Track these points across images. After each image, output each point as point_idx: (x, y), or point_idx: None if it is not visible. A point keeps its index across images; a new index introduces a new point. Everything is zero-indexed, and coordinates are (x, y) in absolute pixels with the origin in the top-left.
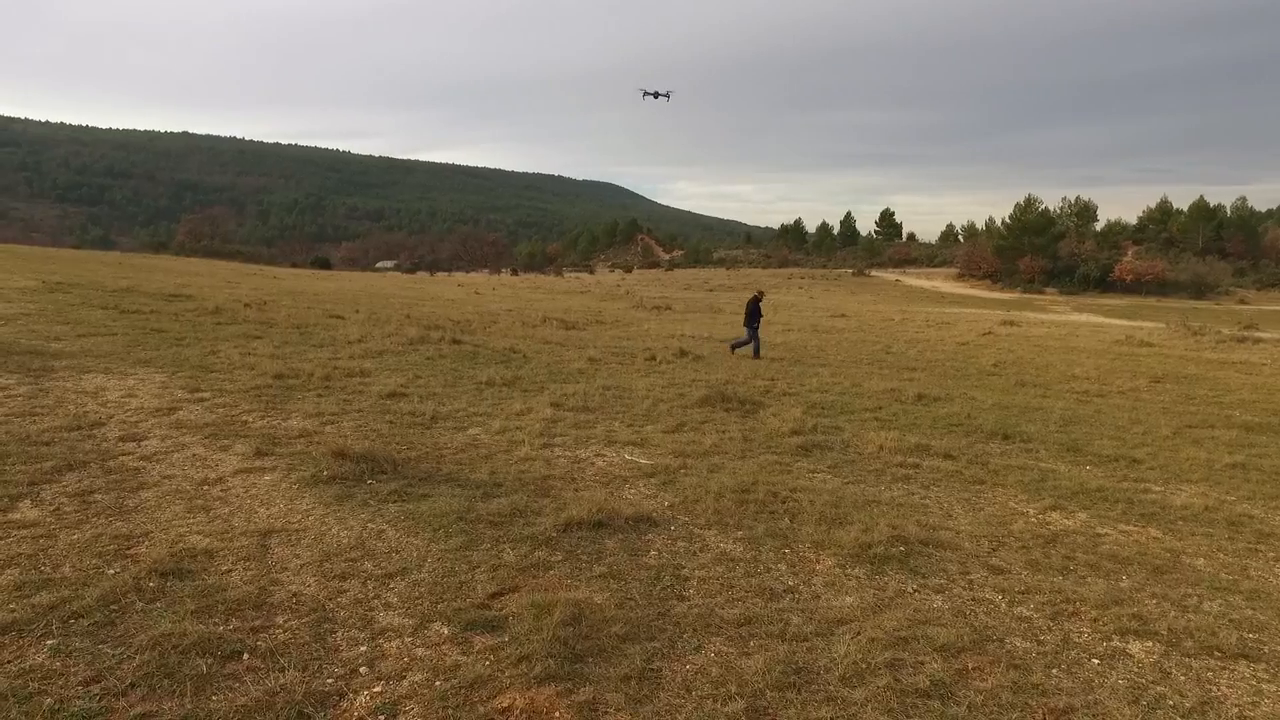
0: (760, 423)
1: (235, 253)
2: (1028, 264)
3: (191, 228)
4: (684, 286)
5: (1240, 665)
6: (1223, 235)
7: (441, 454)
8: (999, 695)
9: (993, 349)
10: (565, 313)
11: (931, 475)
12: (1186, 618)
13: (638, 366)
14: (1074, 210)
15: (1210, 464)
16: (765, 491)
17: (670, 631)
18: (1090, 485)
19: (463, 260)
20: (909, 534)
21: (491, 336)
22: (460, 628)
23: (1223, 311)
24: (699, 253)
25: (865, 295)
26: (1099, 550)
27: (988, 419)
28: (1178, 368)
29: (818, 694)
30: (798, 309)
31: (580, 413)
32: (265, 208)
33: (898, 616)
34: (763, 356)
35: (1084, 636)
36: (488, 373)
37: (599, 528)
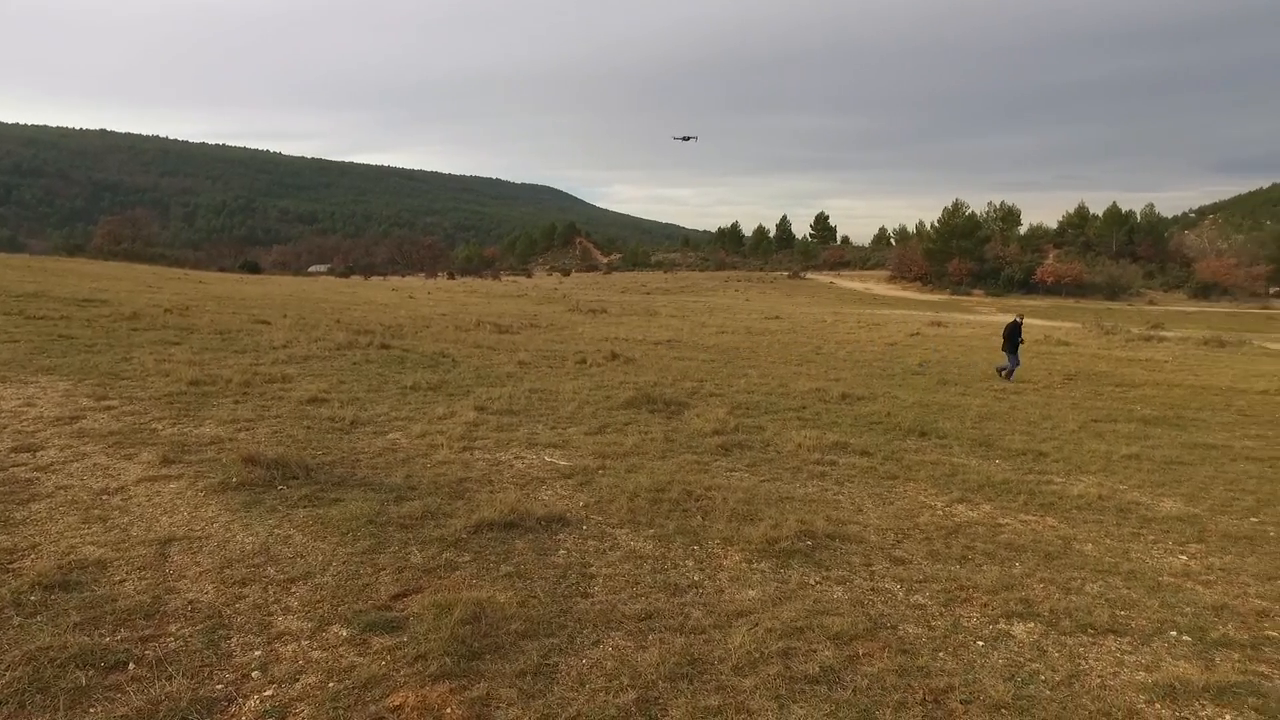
0: (684, 423)
1: (158, 256)
2: (956, 266)
3: (110, 230)
4: (621, 290)
5: (1109, 640)
6: (1134, 240)
7: (358, 458)
8: (884, 679)
9: (919, 349)
10: (500, 317)
11: (847, 472)
12: (1068, 599)
13: (567, 370)
14: (999, 215)
15: (1109, 455)
16: (680, 490)
17: (571, 628)
18: (997, 478)
19: (398, 264)
20: (817, 528)
21: (422, 341)
22: (359, 629)
23: (1133, 312)
24: (637, 256)
25: (800, 297)
26: (997, 539)
27: (907, 417)
28: (1089, 365)
29: (709, 684)
30: (733, 311)
31: (504, 416)
32: (191, 210)
33: (797, 608)
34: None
35: (972, 620)
36: (414, 377)
37: (510, 528)
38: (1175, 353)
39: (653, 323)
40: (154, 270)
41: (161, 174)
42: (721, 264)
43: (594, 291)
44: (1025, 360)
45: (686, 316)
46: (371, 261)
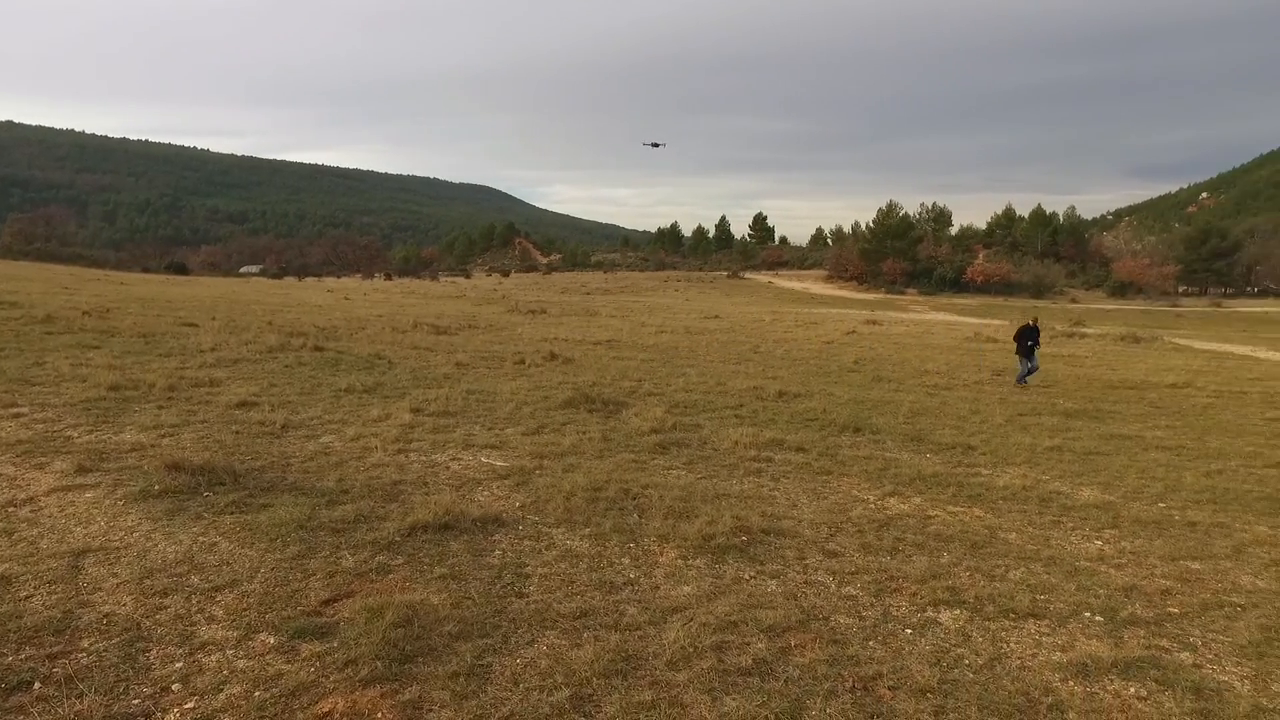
0: (622, 422)
1: (76, 256)
2: (890, 266)
3: (21, 228)
4: (561, 290)
5: (1029, 623)
6: (1057, 240)
7: (289, 463)
8: (815, 668)
9: (855, 347)
10: (438, 317)
11: (782, 468)
12: (993, 586)
13: (506, 370)
14: (932, 216)
15: (1033, 448)
16: (617, 489)
17: (505, 628)
18: (927, 472)
19: (334, 265)
20: (752, 524)
21: (357, 343)
22: (288, 636)
23: (1057, 309)
24: (577, 256)
25: (739, 297)
26: (927, 531)
27: (842, 413)
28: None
29: (643, 679)
30: (673, 311)
31: (440, 417)
32: (111, 208)
33: (731, 602)
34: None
35: (902, 609)
36: (348, 379)
37: (445, 530)
38: (1095, 349)
39: (592, 323)
40: (71, 271)
41: (78, 170)
42: (661, 264)
43: (534, 292)
44: (955, 359)
45: (626, 316)
46: (306, 262)
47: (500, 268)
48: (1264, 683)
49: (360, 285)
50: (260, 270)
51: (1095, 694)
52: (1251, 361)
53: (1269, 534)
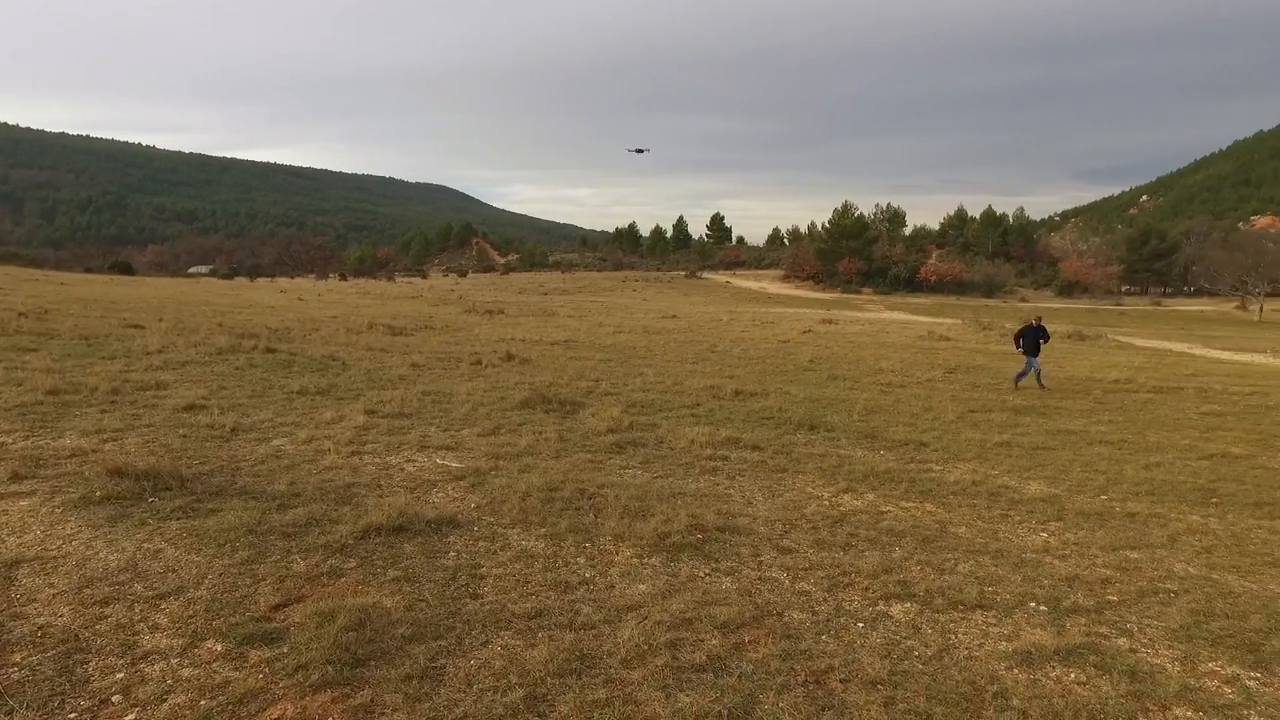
0: (578, 423)
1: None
2: (846, 266)
3: None
4: (519, 290)
5: (977, 614)
6: (1008, 241)
7: (238, 466)
8: (769, 663)
9: (811, 346)
10: (393, 318)
11: (738, 466)
12: (942, 579)
13: (462, 371)
14: (886, 216)
15: (983, 443)
16: (573, 489)
17: (459, 630)
18: (881, 468)
19: (287, 265)
20: (708, 522)
21: (311, 344)
22: (236, 643)
23: (1008, 308)
24: (535, 256)
25: (696, 297)
26: (880, 526)
27: (798, 411)
28: (968, 359)
29: (597, 677)
30: (630, 311)
31: (395, 419)
32: (50, 206)
33: (686, 599)
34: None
35: (854, 604)
36: (301, 381)
37: (399, 532)
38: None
39: (550, 323)
40: (5, 270)
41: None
42: (619, 264)
43: (491, 292)
44: (909, 357)
45: (584, 316)
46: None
47: (457, 268)
48: (1192, 664)
49: (314, 286)
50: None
51: (1038, 680)
52: (1188, 358)
53: (1201, 523)
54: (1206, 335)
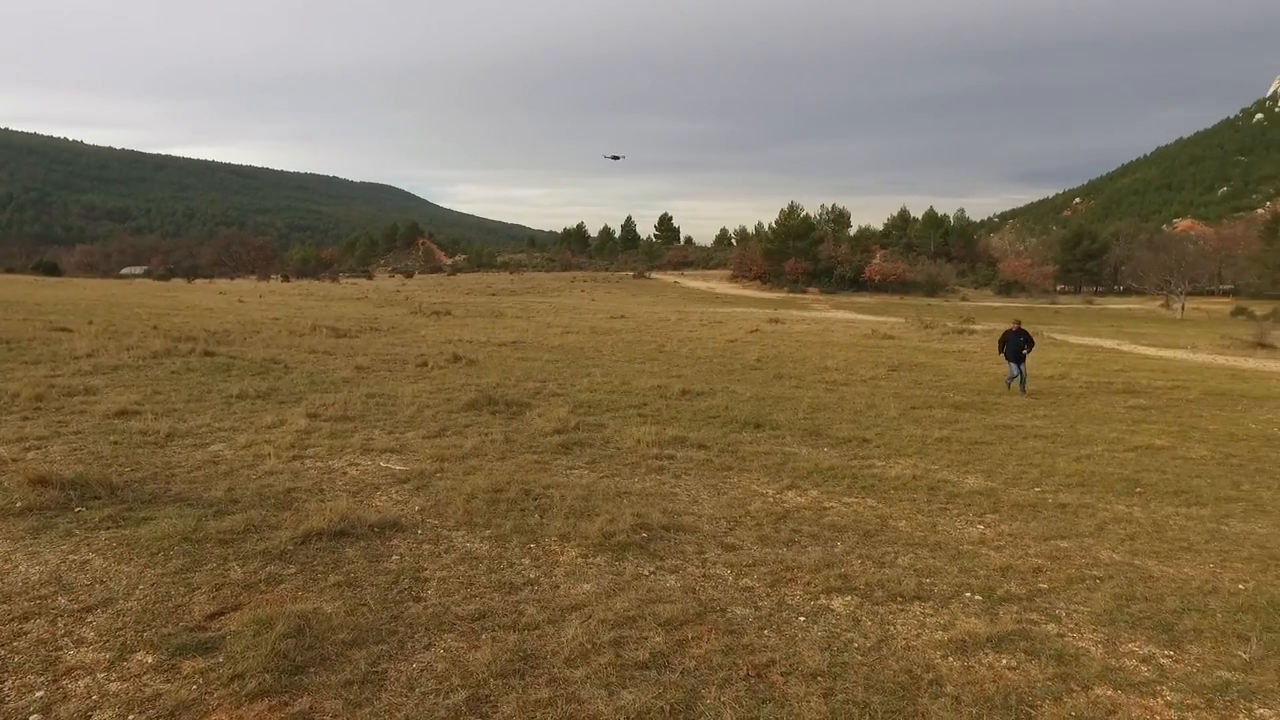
0: (525, 423)
1: None
2: (793, 266)
3: None
4: (466, 291)
5: (915, 605)
6: (949, 241)
7: (173, 473)
8: (711, 659)
9: (758, 345)
10: (338, 320)
11: (684, 465)
12: (882, 572)
13: (408, 373)
14: (831, 217)
15: (924, 439)
16: (518, 490)
17: (401, 633)
18: (824, 465)
19: (226, 266)
20: (653, 521)
21: (251, 347)
22: (168, 654)
23: (949, 307)
24: (482, 257)
25: (645, 297)
26: (822, 522)
27: (744, 410)
28: (910, 357)
29: (541, 677)
30: (579, 311)
31: (338, 422)
32: None
33: (630, 598)
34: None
35: (796, 598)
36: (241, 385)
37: (341, 537)
38: (982, 344)
39: (498, 324)
40: None
41: None
42: (568, 264)
43: (438, 293)
44: (854, 355)
45: (532, 317)
46: (196, 263)
47: (404, 269)
48: (1113, 645)
49: (255, 287)
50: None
51: (972, 667)
52: (1117, 354)
53: (1126, 512)
54: (1134, 332)
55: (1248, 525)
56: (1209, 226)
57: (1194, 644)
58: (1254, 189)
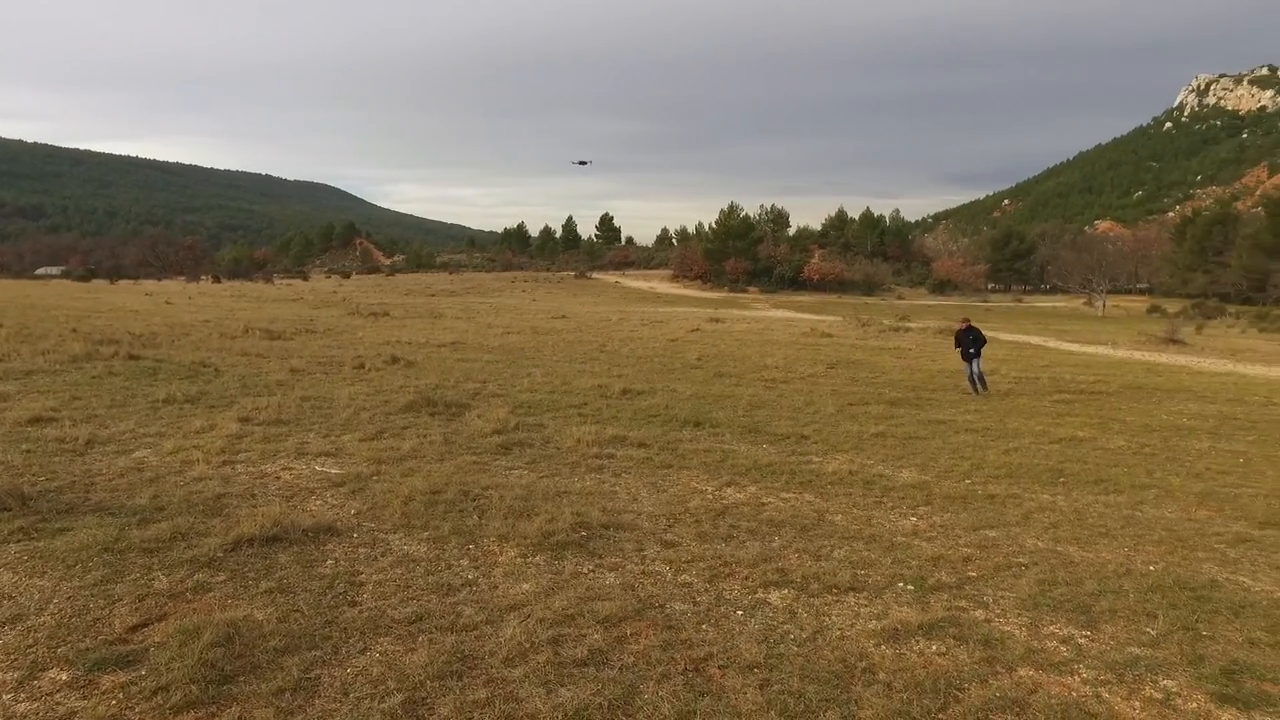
0: (464, 424)
1: None
2: (733, 265)
3: None
4: (405, 292)
5: (850, 597)
6: (885, 241)
7: (93, 482)
8: (649, 654)
9: (698, 344)
10: (271, 322)
11: (624, 464)
12: (818, 565)
13: (344, 375)
14: (771, 217)
15: (860, 435)
16: (457, 491)
17: (335, 638)
18: (763, 461)
19: (152, 267)
20: (593, 519)
21: (179, 350)
22: (85, 669)
23: (886, 306)
24: (422, 257)
25: (586, 297)
26: (760, 517)
27: (684, 408)
28: (848, 355)
29: (479, 678)
30: (520, 312)
31: (271, 426)
32: None
33: (569, 596)
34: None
35: (734, 593)
36: (168, 389)
37: (273, 542)
38: (917, 341)
39: (437, 325)
40: None
41: None
42: (508, 265)
43: (376, 294)
44: (793, 353)
45: (472, 318)
46: (119, 264)
47: (340, 269)
48: (1036, 628)
49: (184, 289)
50: (62, 272)
51: (903, 654)
52: (1044, 350)
53: (1050, 501)
54: (1060, 329)
55: (1159, 510)
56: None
57: (1109, 623)
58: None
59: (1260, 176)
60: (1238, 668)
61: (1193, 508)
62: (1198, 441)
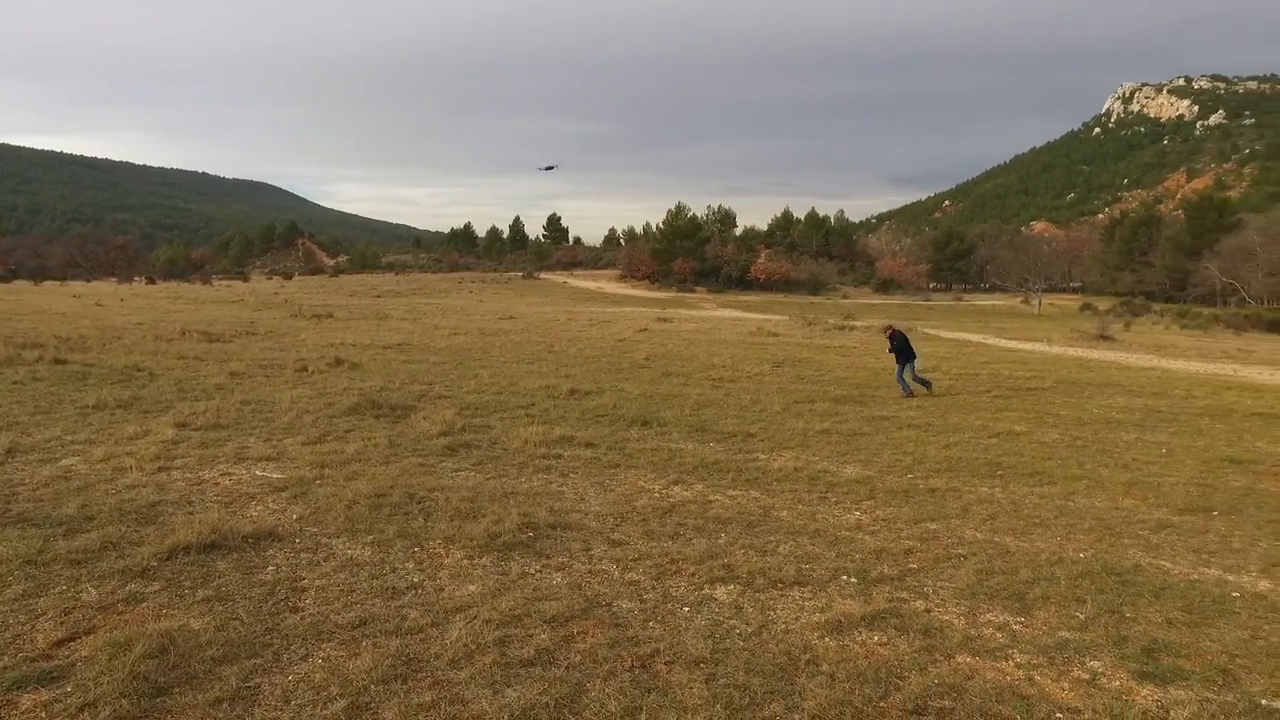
0: (410, 427)
1: None
2: (680, 265)
3: None
4: (349, 293)
5: (794, 591)
6: (830, 241)
7: (15, 492)
8: (596, 653)
9: (646, 344)
10: (210, 324)
11: (571, 464)
12: (764, 560)
13: (286, 378)
14: (718, 217)
15: (806, 432)
16: (402, 494)
17: (276, 646)
18: (710, 459)
19: (81, 267)
20: (540, 520)
21: (111, 354)
22: (3, 689)
23: (831, 305)
24: (366, 258)
25: (534, 297)
26: (707, 515)
27: (632, 408)
28: (794, 353)
29: (424, 681)
30: (467, 313)
31: (210, 431)
32: None
33: (516, 597)
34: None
35: (680, 589)
36: (98, 395)
37: (211, 550)
38: (861, 340)
39: (382, 326)
40: None
41: None
42: (455, 265)
43: (319, 295)
44: (739, 353)
45: (419, 319)
46: (44, 264)
47: (283, 270)
48: (973, 617)
49: (116, 290)
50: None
51: (846, 646)
52: (983, 347)
53: (988, 493)
54: (998, 327)
55: (1089, 500)
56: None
57: (1041, 609)
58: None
59: (1180, 181)
60: (1157, 646)
61: (1120, 497)
62: (1125, 434)
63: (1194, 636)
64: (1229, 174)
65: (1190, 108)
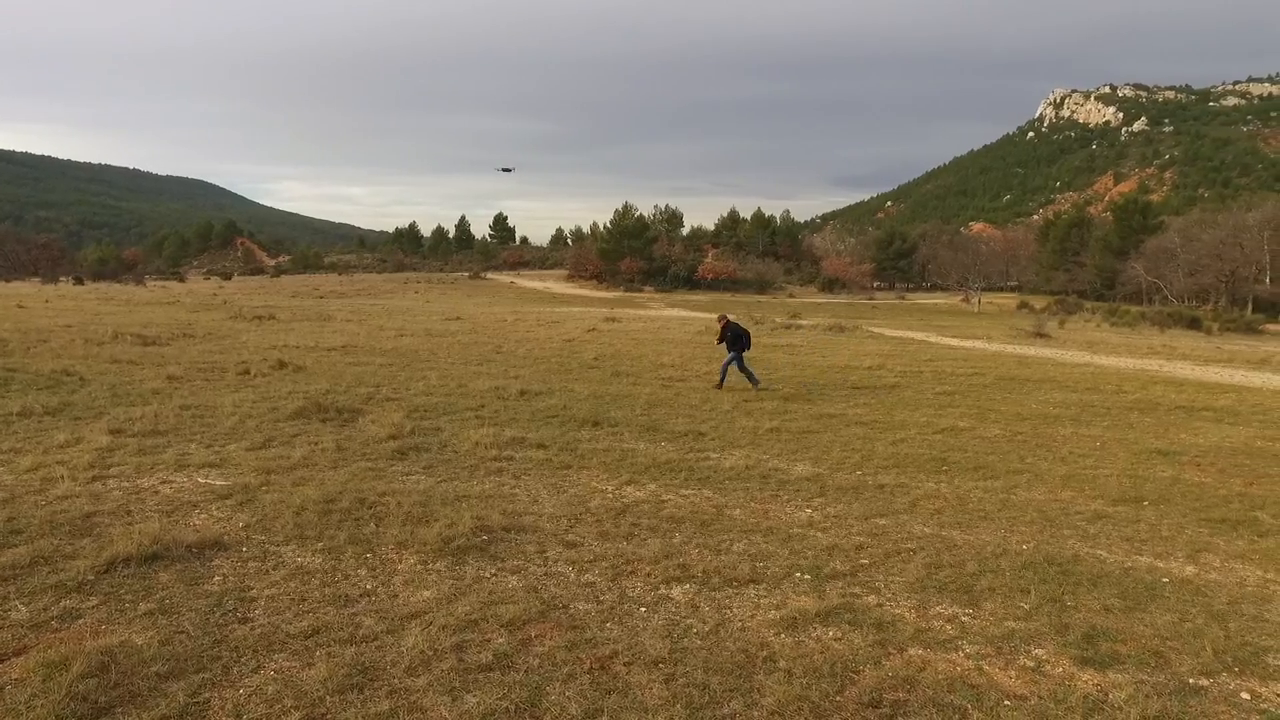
0: (358, 430)
1: None
2: (628, 265)
3: None
4: (291, 294)
5: (749, 589)
6: (776, 241)
7: None
8: (555, 655)
9: (595, 344)
10: (145, 326)
11: (523, 465)
12: (719, 559)
13: (228, 382)
14: (665, 217)
15: (756, 430)
16: (352, 499)
17: (226, 659)
18: (662, 459)
19: (1, 267)
20: (493, 523)
21: (37, 358)
22: None
23: (777, 304)
24: (309, 258)
25: (481, 298)
26: (661, 514)
27: (582, 409)
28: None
29: (381, 689)
30: (413, 314)
31: (147, 437)
32: None
33: (471, 601)
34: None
35: (637, 590)
36: (23, 401)
37: (152, 561)
38: (808, 338)
39: (326, 328)
40: None
41: None
42: (400, 265)
43: (260, 296)
44: (689, 351)
45: (364, 320)
46: None
47: (221, 270)
48: (924, 610)
49: (40, 291)
50: None
51: (802, 642)
52: (926, 345)
53: (935, 489)
54: (940, 325)
55: (1030, 493)
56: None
57: (988, 601)
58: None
59: (1108, 184)
60: (1095, 633)
61: (1058, 489)
62: (1062, 428)
63: (1129, 622)
64: (1151, 178)
65: (1116, 114)
